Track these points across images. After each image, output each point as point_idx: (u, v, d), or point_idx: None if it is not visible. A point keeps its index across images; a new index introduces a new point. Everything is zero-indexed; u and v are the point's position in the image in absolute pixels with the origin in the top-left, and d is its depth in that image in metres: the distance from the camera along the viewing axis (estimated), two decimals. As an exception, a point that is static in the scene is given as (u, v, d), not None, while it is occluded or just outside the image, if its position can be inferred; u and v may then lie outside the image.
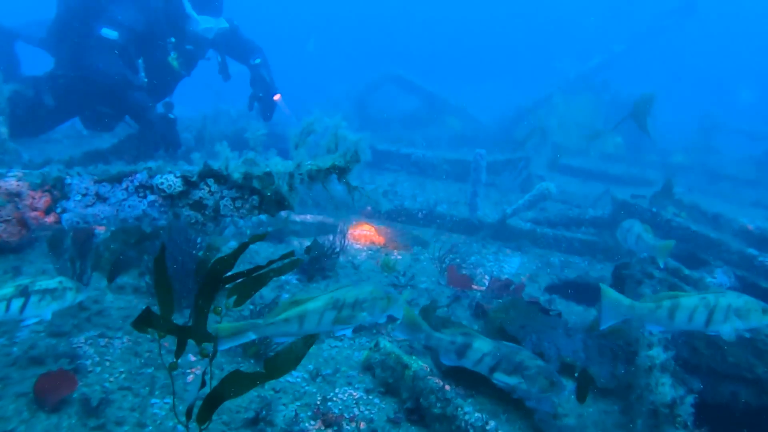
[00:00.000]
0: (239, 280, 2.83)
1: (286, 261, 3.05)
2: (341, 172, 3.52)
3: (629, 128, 12.79)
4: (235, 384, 2.69)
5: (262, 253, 5.72)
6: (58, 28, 7.11)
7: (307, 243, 5.54)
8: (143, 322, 2.61)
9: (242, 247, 2.80)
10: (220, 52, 7.97)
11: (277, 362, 2.76)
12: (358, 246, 6.51)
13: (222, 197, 3.49)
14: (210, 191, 3.48)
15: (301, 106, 11.85)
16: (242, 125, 9.53)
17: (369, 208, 7.72)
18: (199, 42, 7.45)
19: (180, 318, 3.97)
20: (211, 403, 2.69)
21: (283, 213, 7.20)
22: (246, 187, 3.47)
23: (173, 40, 7.25)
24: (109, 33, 6.75)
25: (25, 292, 3.54)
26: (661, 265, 4.78)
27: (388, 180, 9.46)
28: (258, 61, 8.03)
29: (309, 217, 7.09)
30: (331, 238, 5.86)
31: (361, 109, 13.89)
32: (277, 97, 8.01)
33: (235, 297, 2.85)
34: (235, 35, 7.96)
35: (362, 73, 15.18)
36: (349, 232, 6.79)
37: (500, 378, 3.39)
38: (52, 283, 3.67)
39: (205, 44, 7.62)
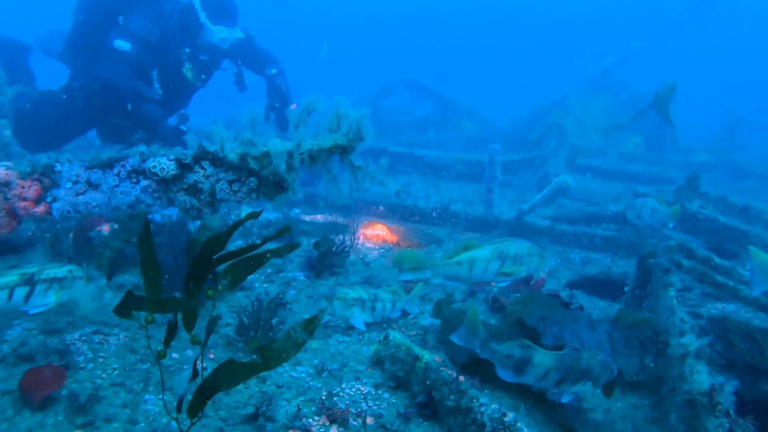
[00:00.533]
0: (233, 261, 2.61)
1: (284, 244, 2.84)
2: (344, 151, 3.31)
3: (649, 127, 12.52)
4: (228, 374, 2.47)
5: (270, 251, 5.51)
6: (73, 41, 7.06)
7: (322, 248, 5.30)
8: (126, 306, 2.41)
9: (237, 224, 2.59)
10: (235, 62, 7.84)
11: (274, 350, 2.52)
12: (369, 245, 6.28)
13: (218, 180, 3.29)
14: (205, 174, 3.29)
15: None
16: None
17: (381, 208, 7.53)
18: (214, 52, 7.33)
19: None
20: (203, 394, 2.47)
21: (292, 214, 7.03)
22: (243, 169, 3.28)
23: (188, 50, 7.13)
24: (122, 45, 6.68)
25: (30, 281, 3.38)
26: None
27: (401, 181, 9.27)
28: (274, 71, 7.88)
29: (319, 217, 6.91)
30: (341, 237, 5.66)
31: (374, 114, 13.70)
32: (293, 107, 7.84)
33: (228, 279, 2.62)
34: (251, 45, 7.82)
35: (375, 79, 15.07)
36: (361, 231, 6.58)
37: (568, 389, 3.09)
38: (60, 271, 3.52)
39: (220, 55, 7.50)
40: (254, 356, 3.64)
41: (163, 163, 3.25)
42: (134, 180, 3.34)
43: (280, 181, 3.25)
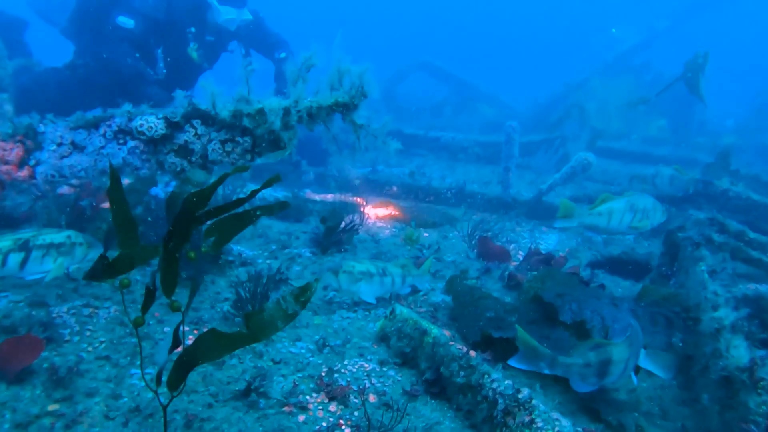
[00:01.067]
0: (219, 218, 2.37)
1: (275, 202, 2.59)
2: (345, 109, 3.07)
3: (675, 110, 12.06)
4: (210, 345, 2.23)
5: (275, 228, 5.30)
6: (78, 16, 6.88)
7: (329, 223, 5.05)
8: (99, 270, 2.19)
9: (223, 177, 2.34)
10: (243, 44, 7.61)
11: (261, 320, 2.27)
12: (381, 224, 6.03)
13: (210, 140, 3.07)
14: (196, 134, 3.07)
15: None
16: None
17: (395, 188, 7.27)
18: (220, 33, 7.11)
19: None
20: (183, 365, 2.24)
21: (302, 193, 6.79)
22: (236, 128, 3.04)
23: (193, 30, 6.92)
24: (126, 21, 6.48)
25: (25, 247, 3.19)
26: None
27: (416, 163, 9.00)
28: (283, 55, 7.64)
29: (329, 197, 6.68)
30: (351, 216, 5.42)
31: (389, 99, 13.43)
32: None
33: (213, 238, 2.39)
34: (260, 28, 7.57)
35: (390, 66, 14.75)
36: (373, 210, 6.34)
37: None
38: (58, 237, 3.31)
39: (227, 36, 7.27)
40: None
41: (151, 122, 3.03)
42: (121, 141, 3.12)
43: (275, 140, 3.02)
